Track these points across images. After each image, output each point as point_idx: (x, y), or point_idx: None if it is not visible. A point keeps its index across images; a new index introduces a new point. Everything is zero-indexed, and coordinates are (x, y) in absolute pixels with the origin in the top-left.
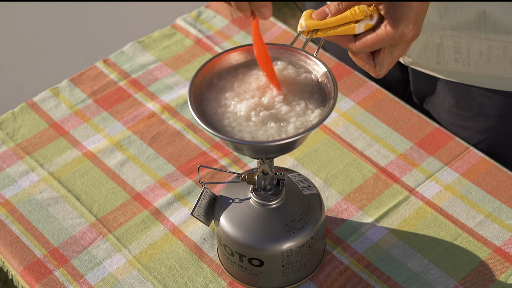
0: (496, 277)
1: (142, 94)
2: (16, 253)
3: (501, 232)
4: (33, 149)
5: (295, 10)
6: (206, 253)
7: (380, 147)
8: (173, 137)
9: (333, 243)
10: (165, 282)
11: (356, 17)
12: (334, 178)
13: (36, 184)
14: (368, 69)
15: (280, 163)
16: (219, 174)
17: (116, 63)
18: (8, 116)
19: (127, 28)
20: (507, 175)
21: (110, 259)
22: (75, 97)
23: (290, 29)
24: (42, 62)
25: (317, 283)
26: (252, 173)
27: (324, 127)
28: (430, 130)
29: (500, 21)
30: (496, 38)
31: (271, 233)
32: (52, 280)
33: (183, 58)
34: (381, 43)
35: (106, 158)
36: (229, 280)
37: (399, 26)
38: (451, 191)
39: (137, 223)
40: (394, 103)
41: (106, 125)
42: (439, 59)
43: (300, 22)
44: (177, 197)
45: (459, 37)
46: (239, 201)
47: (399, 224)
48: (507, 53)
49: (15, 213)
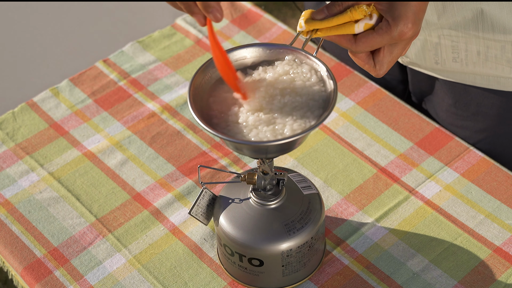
0: (496, 277)
1: (142, 94)
2: (16, 253)
3: (501, 232)
4: (33, 149)
5: (295, 10)
6: (206, 253)
7: (380, 147)
8: (173, 137)
9: (333, 243)
10: (165, 282)
11: (355, 16)
12: (334, 178)
13: (36, 184)
14: (368, 69)
15: (280, 163)
16: (219, 174)
17: (116, 63)
18: (8, 116)
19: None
20: (507, 175)
21: (110, 259)
22: (75, 97)
23: (290, 29)
24: (42, 62)
25: (317, 283)
26: (252, 173)
27: (324, 127)
28: (430, 130)
29: (497, 21)
30: (494, 37)
31: (271, 233)
32: (52, 280)
33: (183, 58)
34: (380, 42)
35: (106, 158)
36: (229, 280)
37: (398, 25)
38: (451, 191)
39: (137, 223)
40: (394, 103)
41: (106, 125)
42: (437, 58)
43: (299, 22)
44: (177, 197)
45: (456, 36)
46: (239, 201)
47: (399, 224)
48: (505, 53)
49: (15, 213)
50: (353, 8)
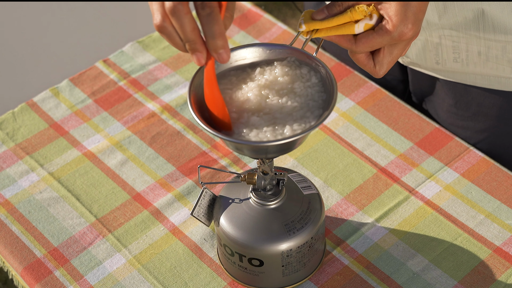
0: (496, 277)
1: (142, 94)
2: (16, 253)
3: (501, 232)
4: (33, 149)
5: (295, 10)
6: (206, 253)
7: (380, 147)
8: (173, 137)
9: (333, 243)
10: (165, 282)
11: (355, 17)
12: (334, 178)
13: (36, 184)
14: (368, 69)
15: (280, 163)
16: (219, 174)
17: (116, 63)
18: (8, 116)
19: (127, 28)
20: (507, 175)
21: (110, 259)
22: (75, 97)
23: (290, 29)
24: (42, 62)
25: (317, 283)
26: (252, 173)
27: (324, 127)
28: (430, 130)
29: (498, 21)
30: (495, 38)
31: (271, 233)
32: (52, 280)
33: (183, 58)
34: (380, 43)
35: (106, 158)
36: (229, 280)
37: (398, 26)
38: (451, 191)
39: (137, 223)
40: (394, 103)
41: (106, 125)
42: (438, 59)
43: (299, 22)
44: (177, 197)
45: (457, 36)
46: (239, 201)
47: (399, 224)
48: (506, 53)
49: (15, 213)
50: (353, 8)
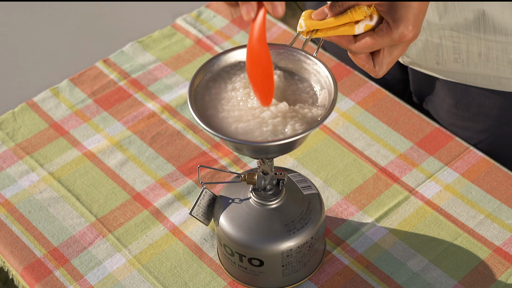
0: (496, 277)
1: (142, 94)
2: (16, 253)
3: (501, 232)
4: (33, 149)
5: (295, 10)
6: (206, 253)
7: (380, 147)
8: (173, 137)
9: (333, 243)
10: (165, 282)
11: (355, 17)
12: (334, 178)
13: (36, 184)
14: (368, 69)
15: (280, 163)
16: (219, 174)
17: (116, 63)
18: (8, 116)
19: (127, 28)
20: (507, 175)
21: (110, 259)
22: (75, 97)
23: (290, 29)
24: (42, 62)
25: (317, 283)
26: (252, 173)
27: (324, 127)
28: (430, 130)
29: (499, 22)
30: (495, 38)
31: (271, 233)
32: (52, 280)
33: (183, 58)
34: (380, 43)
35: (106, 158)
36: (229, 280)
37: (398, 27)
38: (451, 191)
39: (137, 223)
40: (394, 103)
41: (106, 125)
42: (438, 59)
43: (299, 22)
44: (177, 197)
45: (458, 37)
46: (239, 201)
47: (399, 224)
48: (506, 54)
49: (15, 213)
50: (353, 9)
